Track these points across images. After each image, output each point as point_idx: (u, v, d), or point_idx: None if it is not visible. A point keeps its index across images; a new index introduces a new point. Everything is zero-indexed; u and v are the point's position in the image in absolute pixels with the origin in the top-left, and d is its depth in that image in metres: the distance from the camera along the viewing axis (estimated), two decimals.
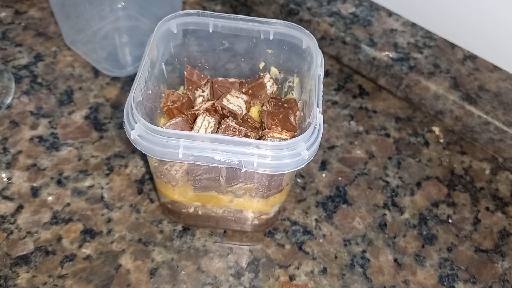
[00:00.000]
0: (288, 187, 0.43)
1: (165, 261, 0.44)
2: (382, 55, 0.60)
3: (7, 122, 0.53)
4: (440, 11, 0.61)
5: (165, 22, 0.42)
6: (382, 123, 0.58)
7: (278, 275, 0.45)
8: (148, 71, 0.40)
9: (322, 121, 0.37)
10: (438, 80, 0.57)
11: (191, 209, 0.45)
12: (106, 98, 0.57)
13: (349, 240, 0.48)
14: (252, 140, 0.34)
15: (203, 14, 0.43)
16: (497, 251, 0.48)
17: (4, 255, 0.44)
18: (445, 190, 0.53)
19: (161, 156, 0.35)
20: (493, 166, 0.55)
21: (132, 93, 0.36)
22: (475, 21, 0.58)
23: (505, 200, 0.53)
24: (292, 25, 0.43)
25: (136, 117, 0.35)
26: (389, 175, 0.53)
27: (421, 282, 0.45)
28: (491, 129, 0.55)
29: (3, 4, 0.66)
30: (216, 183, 0.40)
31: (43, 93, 0.56)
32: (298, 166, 0.35)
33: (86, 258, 0.44)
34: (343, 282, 0.45)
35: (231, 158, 0.34)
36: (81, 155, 0.51)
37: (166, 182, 0.41)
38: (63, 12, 0.59)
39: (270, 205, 0.43)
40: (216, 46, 0.46)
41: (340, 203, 0.50)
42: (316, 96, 0.38)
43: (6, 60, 0.59)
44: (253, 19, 0.43)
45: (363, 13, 0.64)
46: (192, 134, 0.35)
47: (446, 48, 0.61)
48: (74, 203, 0.47)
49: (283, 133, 0.40)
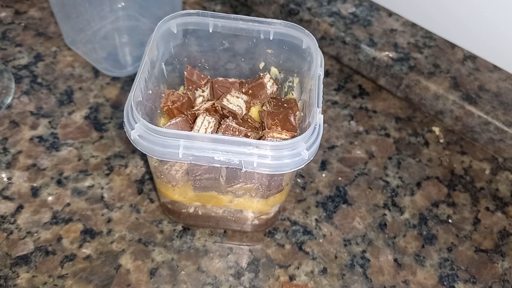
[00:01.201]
0: (288, 187, 0.43)
1: (165, 261, 0.44)
2: (382, 55, 0.60)
3: (7, 122, 0.53)
4: (440, 11, 0.61)
5: (165, 22, 0.42)
6: (382, 123, 0.58)
7: (278, 275, 0.45)
8: (148, 71, 0.40)
9: (322, 121, 0.37)
10: (438, 80, 0.57)
11: (191, 209, 0.45)
12: (106, 98, 0.57)
13: (349, 240, 0.48)
14: (252, 140, 0.34)
15: (203, 14, 0.43)
16: (497, 251, 0.48)
17: (4, 255, 0.44)
18: (445, 190, 0.53)
19: (161, 156, 0.35)
20: (493, 166, 0.55)
21: (132, 93, 0.36)
22: (475, 21, 0.58)
23: (505, 200, 0.53)
24: (292, 25, 0.43)
25: (136, 117, 0.35)
26: (389, 175, 0.53)
27: (421, 282, 0.46)
28: (491, 129, 0.55)
29: (3, 4, 0.66)
30: (216, 183, 0.40)
31: (43, 93, 0.56)
32: (298, 166, 0.35)
33: (86, 258, 0.44)
34: (343, 282, 0.45)
35: (231, 158, 0.34)
36: (81, 155, 0.51)
37: (166, 182, 0.42)
38: (63, 12, 0.59)
39: (270, 205, 0.43)
40: (216, 46, 0.46)
41: (340, 203, 0.50)
42: (316, 96, 0.38)
43: (6, 60, 0.59)
44: (253, 19, 0.43)
45: (363, 13, 0.64)
46: (192, 134, 0.35)
47: (446, 48, 0.61)
48: (74, 203, 0.47)
49: (283, 133, 0.40)
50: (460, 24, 0.60)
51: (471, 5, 0.58)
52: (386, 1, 0.65)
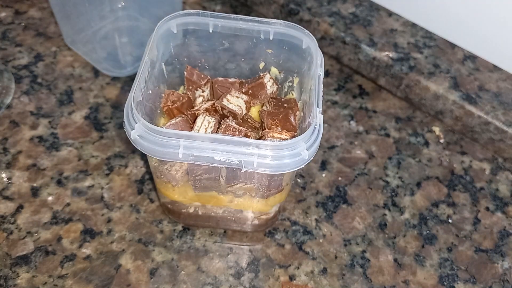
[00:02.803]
0: (288, 187, 0.43)
1: (165, 261, 0.44)
2: (382, 55, 0.60)
3: (7, 122, 0.53)
4: (440, 11, 0.61)
5: (165, 22, 0.42)
6: (382, 123, 0.58)
7: (278, 275, 0.45)
8: (148, 71, 0.40)
9: (322, 121, 0.37)
10: (438, 80, 0.57)
11: (191, 209, 0.45)
12: (106, 98, 0.57)
13: (349, 240, 0.48)
14: (252, 140, 0.34)
15: (203, 14, 0.43)
16: (497, 251, 0.48)
17: (4, 255, 0.44)
18: (445, 190, 0.53)
19: (161, 156, 0.35)
20: (493, 166, 0.55)
21: (132, 93, 0.36)
22: (475, 21, 0.58)
23: (505, 200, 0.53)
24: (292, 25, 0.43)
25: (136, 117, 0.35)
26: (389, 175, 0.53)
27: (421, 282, 0.45)
28: (491, 129, 0.55)
29: (3, 4, 0.66)
30: (216, 183, 0.40)
31: (43, 93, 0.56)
32: (298, 166, 0.35)
33: (86, 258, 0.44)
34: (343, 282, 0.45)
35: (231, 158, 0.34)
36: (81, 155, 0.51)
37: (166, 182, 0.41)
38: (63, 12, 0.59)
39: (270, 205, 0.43)
40: (216, 46, 0.46)
41: (340, 203, 0.50)
42: (316, 96, 0.38)
43: (6, 60, 0.59)
44: (253, 19, 0.43)
45: (363, 13, 0.64)
46: (192, 134, 0.35)
47: (446, 48, 0.61)
48: (74, 203, 0.47)
49: (283, 133, 0.40)
50: (460, 24, 0.60)
51: (471, 5, 0.58)
52: (386, 1, 0.65)
